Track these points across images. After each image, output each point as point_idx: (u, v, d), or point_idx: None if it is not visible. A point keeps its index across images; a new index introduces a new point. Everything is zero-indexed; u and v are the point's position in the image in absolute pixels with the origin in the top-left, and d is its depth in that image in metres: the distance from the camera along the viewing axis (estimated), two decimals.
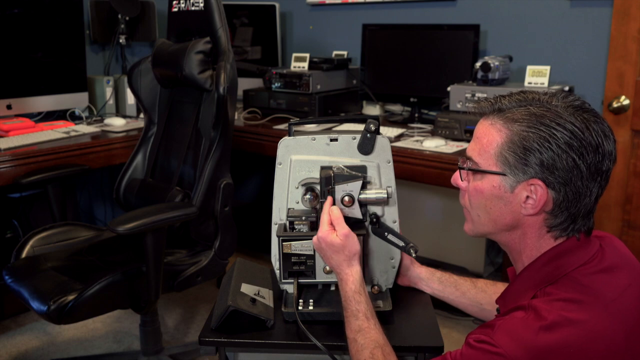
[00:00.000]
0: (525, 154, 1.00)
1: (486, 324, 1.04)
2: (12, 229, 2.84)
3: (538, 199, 1.01)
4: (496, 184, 1.05)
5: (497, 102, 1.06)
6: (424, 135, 2.53)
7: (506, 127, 1.03)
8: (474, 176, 1.09)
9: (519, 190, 1.03)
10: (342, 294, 1.21)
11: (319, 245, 1.23)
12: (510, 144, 1.02)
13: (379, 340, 1.14)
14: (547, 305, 0.97)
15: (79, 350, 2.57)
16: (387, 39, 2.90)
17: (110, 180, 3.40)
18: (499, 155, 1.03)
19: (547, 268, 1.04)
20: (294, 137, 1.34)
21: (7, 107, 2.74)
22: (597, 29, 2.42)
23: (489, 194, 1.06)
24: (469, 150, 1.10)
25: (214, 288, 3.05)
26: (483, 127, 1.07)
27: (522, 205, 1.04)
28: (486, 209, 1.08)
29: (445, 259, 2.93)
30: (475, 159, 1.08)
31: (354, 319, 1.17)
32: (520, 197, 1.03)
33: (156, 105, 2.36)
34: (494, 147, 1.04)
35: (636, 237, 2.25)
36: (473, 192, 1.09)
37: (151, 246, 1.88)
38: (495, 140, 1.04)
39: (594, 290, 0.99)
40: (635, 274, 1.06)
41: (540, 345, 0.93)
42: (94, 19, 3.20)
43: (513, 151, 1.01)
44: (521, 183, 1.02)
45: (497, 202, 1.06)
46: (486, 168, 1.06)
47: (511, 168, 1.02)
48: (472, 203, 1.11)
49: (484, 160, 1.06)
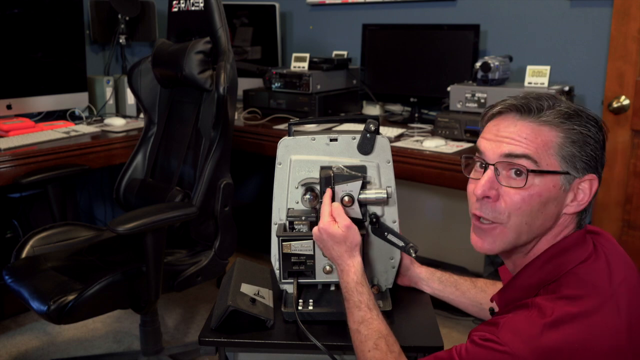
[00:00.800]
0: (585, 150, 1.02)
1: (490, 322, 1.04)
2: (12, 229, 2.84)
3: (591, 194, 1.04)
4: (556, 184, 1.02)
5: (535, 102, 1.04)
6: (424, 135, 2.53)
7: (557, 126, 1.02)
8: (527, 179, 1.01)
9: (572, 188, 1.04)
10: (343, 286, 1.21)
11: (319, 236, 1.22)
12: (571, 142, 1.02)
13: (382, 331, 1.14)
14: (551, 303, 0.97)
15: (79, 350, 2.57)
16: (387, 39, 2.90)
17: (110, 180, 3.40)
18: (560, 153, 1.02)
19: (548, 267, 1.05)
20: (293, 137, 1.34)
21: (7, 107, 2.74)
22: (597, 29, 2.42)
23: (547, 196, 1.02)
24: (513, 150, 1.02)
25: (214, 288, 3.05)
26: (525, 128, 1.02)
27: (569, 204, 1.05)
28: (537, 213, 1.03)
29: (445, 259, 2.93)
30: (535, 159, 1.01)
31: (357, 310, 1.17)
32: (570, 196, 1.04)
33: (156, 105, 2.36)
34: (554, 146, 1.02)
35: (636, 237, 2.25)
36: (526, 197, 1.01)
37: (151, 246, 1.88)
38: (553, 140, 1.02)
39: (595, 286, 1.00)
40: (629, 269, 1.07)
41: (546, 343, 0.93)
42: (94, 19, 3.20)
43: (574, 148, 1.02)
44: (576, 180, 1.03)
45: (550, 204, 1.03)
46: (548, 168, 1.02)
47: (573, 165, 1.02)
48: (519, 210, 1.02)
49: (544, 159, 1.01)
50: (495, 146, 1.04)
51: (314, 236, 1.25)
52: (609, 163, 2.25)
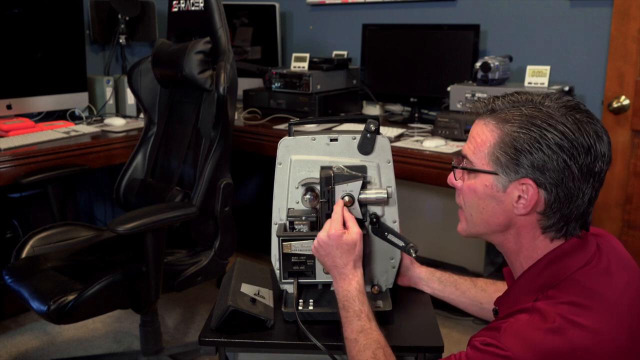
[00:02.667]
0: (516, 154, 1.02)
1: (491, 327, 1.03)
2: (12, 229, 2.84)
3: (529, 198, 1.02)
4: (489, 183, 1.06)
5: (491, 103, 1.08)
6: (424, 135, 2.53)
7: (498, 128, 1.04)
8: (468, 175, 1.11)
9: (511, 190, 1.04)
10: (342, 294, 1.20)
11: (327, 243, 1.21)
12: (502, 144, 1.03)
13: (380, 341, 1.14)
14: (552, 308, 0.97)
15: (79, 350, 2.57)
16: (387, 39, 2.90)
17: (110, 180, 3.40)
18: (491, 154, 1.05)
19: (548, 271, 1.04)
20: (294, 137, 1.34)
21: (7, 107, 2.74)
22: (597, 29, 2.42)
23: (482, 193, 1.08)
24: (464, 150, 1.12)
25: (214, 288, 3.05)
26: (477, 127, 1.09)
27: (514, 204, 1.04)
28: (479, 208, 1.09)
29: (445, 259, 2.93)
30: (469, 158, 1.09)
31: (357, 319, 1.17)
32: (513, 197, 1.04)
33: (156, 105, 2.36)
34: (487, 147, 1.05)
35: (636, 237, 2.25)
36: (467, 191, 1.11)
37: (151, 246, 1.88)
38: (489, 140, 1.05)
39: (597, 292, 0.99)
40: (633, 272, 1.07)
41: (548, 348, 0.93)
42: (94, 19, 3.20)
43: (504, 151, 1.03)
44: (512, 183, 1.03)
45: (490, 202, 1.07)
46: (479, 167, 1.07)
47: (503, 167, 1.04)
48: (466, 202, 1.12)
49: (477, 159, 1.07)
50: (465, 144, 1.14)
51: (317, 242, 1.23)
52: None
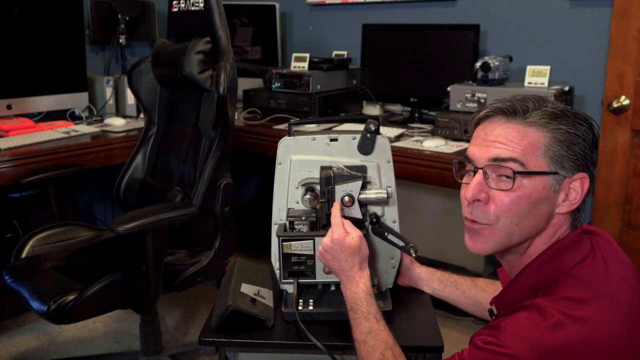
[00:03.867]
0: (573, 149, 1.02)
1: (491, 325, 1.04)
2: (12, 229, 2.84)
3: (583, 192, 1.04)
4: (545, 185, 1.03)
5: (521, 105, 1.05)
6: (424, 135, 2.53)
7: (544, 127, 1.03)
8: (515, 182, 1.02)
9: (562, 188, 1.04)
10: (350, 297, 1.20)
11: (332, 247, 1.21)
12: (558, 143, 1.02)
13: (388, 342, 1.14)
14: (551, 304, 0.97)
15: (79, 350, 2.57)
16: (387, 39, 2.90)
17: (110, 180, 3.40)
18: (547, 153, 1.02)
19: (545, 269, 1.05)
20: (294, 137, 1.34)
21: (7, 107, 2.74)
22: (597, 29, 2.42)
23: (537, 197, 1.03)
24: (499, 154, 1.03)
25: (214, 288, 3.05)
26: (512, 131, 1.03)
27: (561, 204, 1.05)
28: (527, 215, 1.04)
29: (445, 259, 2.93)
30: (521, 160, 1.02)
31: (365, 321, 1.17)
32: (561, 196, 1.05)
33: (156, 105, 2.36)
34: (541, 147, 1.02)
35: (636, 237, 2.25)
36: (515, 199, 1.02)
37: (151, 246, 1.88)
38: (539, 141, 1.03)
39: (594, 287, 1.00)
40: (627, 268, 1.08)
41: (548, 344, 0.93)
42: (94, 19, 3.20)
43: (562, 148, 1.02)
44: (566, 180, 1.04)
45: (542, 205, 1.04)
46: (536, 169, 1.03)
47: (562, 165, 1.03)
48: (509, 212, 1.03)
49: (531, 161, 1.02)
50: (483, 150, 1.06)
51: (323, 248, 1.23)
52: (609, 163, 2.25)
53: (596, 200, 2.31)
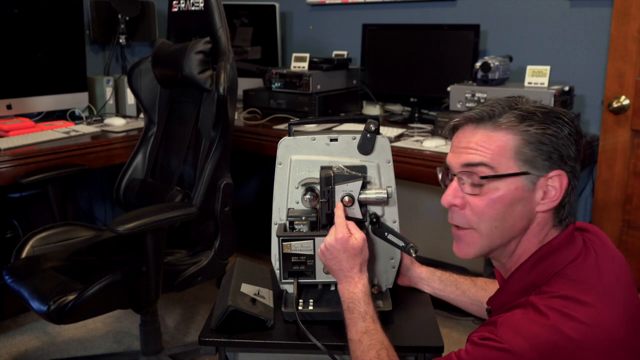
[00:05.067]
0: (543, 149, 1.03)
1: (488, 322, 1.05)
2: (12, 229, 2.84)
3: (562, 189, 1.04)
4: (518, 185, 1.04)
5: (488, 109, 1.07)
6: (424, 135, 2.53)
7: (512, 129, 1.04)
8: (487, 185, 1.05)
9: (539, 187, 1.04)
10: (347, 297, 1.21)
11: (334, 247, 1.21)
12: (528, 143, 1.03)
13: (384, 342, 1.15)
14: (546, 301, 0.98)
15: (79, 350, 2.57)
16: (387, 39, 2.90)
17: (110, 180, 3.40)
18: (517, 155, 1.03)
19: (538, 269, 1.05)
20: (294, 137, 1.34)
21: (7, 107, 2.74)
22: (597, 29, 2.42)
23: (510, 199, 1.04)
24: (471, 159, 1.06)
25: (214, 288, 3.05)
26: (477, 136, 1.06)
27: (540, 202, 1.05)
28: (504, 216, 1.05)
29: (445, 259, 2.93)
30: (491, 164, 1.04)
31: (362, 321, 1.17)
32: (538, 195, 1.05)
33: (156, 105, 2.36)
34: (510, 149, 1.03)
35: (636, 237, 2.25)
36: (489, 203, 1.05)
37: (151, 246, 1.88)
38: (508, 143, 1.04)
39: (588, 284, 1.00)
40: (621, 265, 1.08)
41: (544, 339, 0.94)
42: (94, 19, 3.20)
43: (531, 149, 1.03)
44: (541, 179, 1.04)
45: (517, 205, 1.05)
46: (506, 172, 1.04)
47: (533, 165, 1.03)
48: (485, 216, 1.06)
49: (500, 164, 1.04)
50: (457, 157, 1.09)
51: (324, 246, 1.23)
52: (609, 163, 2.25)
53: (596, 200, 2.31)
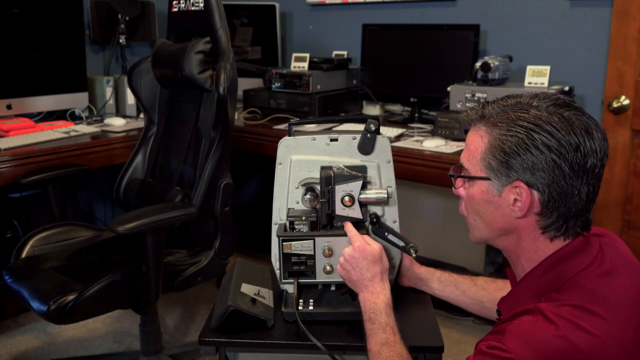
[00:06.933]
0: (505, 158, 1.02)
1: (495, 330, 1.03)
2: (12, 229, 2.84)
3: (523, 200, 1.03)
4: (484, 189, 1.07)
5: (480, 109, 1.09)
6: (424, 135, 2.53)
7: (488, 133, 1.05)
8: (467, 183, 1.11)
9: (506, 194, 1.05)
10: (369, 307, 1.21)
11: (354, 256, 1.22)
12: (492, 149, 1.04)
13: (403, 355, 1.14)
14: (555, 310, 0.97)
15: (79, 350, 2.57)
16: (387, 39, 2.90)
17: (110, 180, 3.40)
18: (483, 160, 1.06)
19: (550, 274, 1.04)
20: (294, 137, 1.35)
21: (7, 107, 2.74)
22: (597, 29, 2.42)
23: (480, 199, 1.09)
24: (461, 158, 1.13)
25: (214, 288, 3.05)
26: (470, 135, 1.10)
27: (511, 208, 1.05)
28: (479, 213, 1.11)
29: (445, 259, 2.93)
30: (465, 166, 1.11)
31: (382, 332, 1.17)
32: (509, 200, 1.05)
33: (156, 105, 2.36)
34: (479, 153, 1.06)
35: (636, 237, 2.25)
36: (467, 198, 1.12)
37: (151, 246, 1.88)
38: (480, 147, 1.06)
39: (599, 295, 0.99)
40: (636, 274, 1.06)
41: (553, 350, 0.93)
42: (94, 19, 3.20)
43: (494, 155, 1.04)
44: (506, 187, 1.04)
45: (488, 207, 1.08)
46: (474, 174, 1.08)
47: (495, 172, 1.05)
48: (468, 209, 1.13)
49: (472, 166, 1.09)
50: None
51: (343, 259, 1.24)
52: (609, 163, 2.23)
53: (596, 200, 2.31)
